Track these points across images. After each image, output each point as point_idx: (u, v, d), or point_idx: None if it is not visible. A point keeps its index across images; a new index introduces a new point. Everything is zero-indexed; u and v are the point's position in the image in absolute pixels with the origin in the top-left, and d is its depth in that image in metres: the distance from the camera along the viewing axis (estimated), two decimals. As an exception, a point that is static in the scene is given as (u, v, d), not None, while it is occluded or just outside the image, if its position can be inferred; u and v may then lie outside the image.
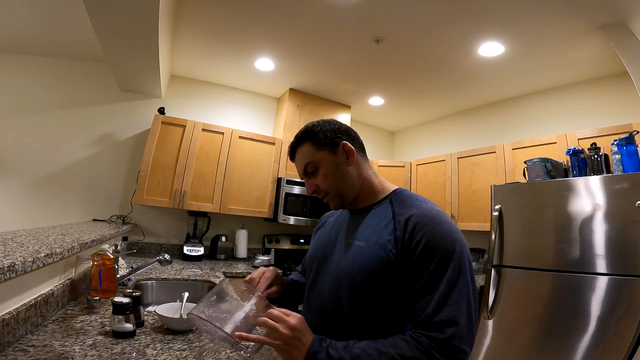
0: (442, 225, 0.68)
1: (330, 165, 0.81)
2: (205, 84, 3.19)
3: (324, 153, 0.81)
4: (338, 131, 0.83)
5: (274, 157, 2.95)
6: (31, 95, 2.61)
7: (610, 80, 2.32)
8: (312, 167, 0.82)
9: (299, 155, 0.84)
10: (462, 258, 0.65)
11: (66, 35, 2.40)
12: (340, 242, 0.82)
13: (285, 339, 0.63)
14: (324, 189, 0.82)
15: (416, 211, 0.72)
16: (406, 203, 0.76)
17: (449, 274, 0.63)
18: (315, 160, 0.81)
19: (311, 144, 0.82)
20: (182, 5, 2.04)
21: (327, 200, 0.83)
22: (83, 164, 2.68)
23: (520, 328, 1.82)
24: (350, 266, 0.74)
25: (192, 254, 2.58)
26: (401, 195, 0.80)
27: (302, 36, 2.29)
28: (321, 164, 0.81)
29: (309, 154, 0.82)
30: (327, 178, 0.80)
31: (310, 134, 0.82)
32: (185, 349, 0.94)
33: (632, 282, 1.46)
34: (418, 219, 0.69)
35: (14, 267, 0.75)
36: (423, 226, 0.68)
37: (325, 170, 0.80)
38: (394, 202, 0.79)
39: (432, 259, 0.65)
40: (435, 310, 0.61)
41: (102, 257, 1.23)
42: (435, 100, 3.23)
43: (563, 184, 1.80)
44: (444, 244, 0.66)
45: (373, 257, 0.71)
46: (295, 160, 0.86)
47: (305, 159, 0.82)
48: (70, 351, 0.82)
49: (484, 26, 2.00)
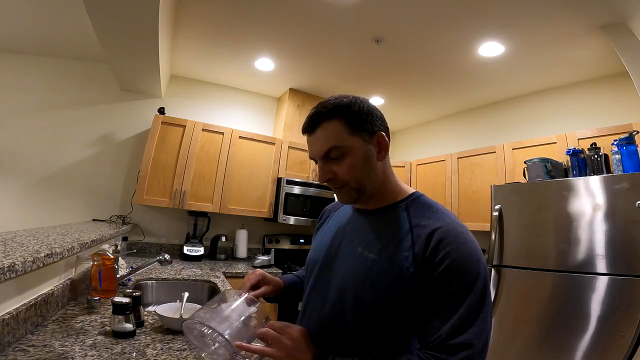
0: (467, 245, 0.62)
1: (361, 155, 0.68)
2: (205, 84, 3.19)
3: (357, 140, 0.67)
4: (377, 117, 0.70)
5: (274, 157, 2.95)
6: (31, 95, 2.61)
7: (610, 80, 2.32)
8: (338, 152, 0.67)
9: (323, 133, 0.68)
10: (485, 280, 0.61)
11: (66, 35, 2.40)
12: (346, 247, 0.74)
13: (288, 350, 0.61)
14: (343, 180, 0.69)
15: (439, 225, 0.64)
16: (426, 213, 0.68)
17: (471, 297, 0.58)
18: (345, 145, 0.67)
19: (344, 124, 0.67)
20: (182, 5, 2.04)
21: (341, 192, 0.71)
22: (83, 164, 2.68)
23: (521, 328, 1.82)
24: (361, 281, 0.66)
25: (192, 254, 2.58)
26: (419, 202, 0.71)
27: (302, 36, 2.29)
28: (351, 152, 0.67)
29: (338, 135, 0.67)
30: (353, 169, 0.67)
31: (345, 111, 0.67)
32: (185, 349, 0.94)
33: (632, 282, 1.46)
34: (442, 235, 0.62)
35: (14, 267, 0.75)
36: (448, 244, 0.61)
37: (354, 161, 0.67)
38: (411, 209, 0.70)
39: (455, 280, 0.59)
40: (451, 333, 0.56)
41: (102, 257, 1.23)
42: (436, 100, 3.22)
43: (563, 184, 1.79)
44: (469, 265, 0.60)
45: (388, 276, 0.63)
46: (315, 136, 0.69)
47: (332, 141, 0.67)
48: (70, 351, 0.82)
49: (484, 26, 2.00)
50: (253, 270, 2.43)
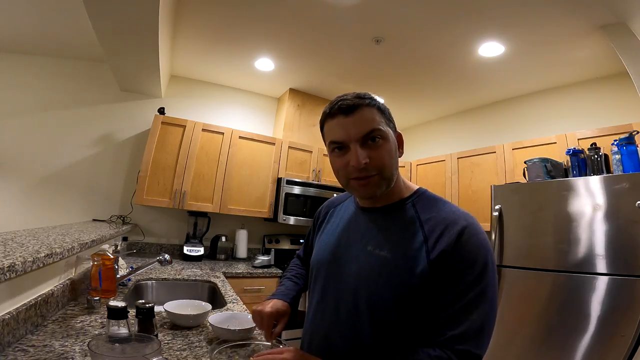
0: (478, 235, 0.63)
1: (394, 145, 0.71)
2: (205, 84, 3.19)
3: (390, 130, 0.70)
4: (392, 118, 0.75)
5: (274, 157, 2.95)
6: (31, 95, 2.61)
7: (610, 80, 2.32)
8: (380, 135, 0.67)
9: (364, 115, 0.67)
10: (493, 271, 0.62)
11: (66, 35, 2.40)
12: (355, 247, 0.73)
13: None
14: (376, 167, 0.67)
15: (446, 215, 0.66)
16: (433, 207, 0.69)
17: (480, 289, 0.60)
18: (386, 131, 0.68)
19: (381, 114, 0.69)
20: (182, 4, 2.04)
21: (369, 182, 0.68)
22: (83, 164, 2.68)
23: (521, 328, 1.82)
24: (375, 280, 0.66)
25: (192, 254, 2.58)
26: (424, 197, 0.73)
27: (302, 36, 2.29)
28: (388, 139, 0.69)
29: (379, 120, 0.68)
30: (389, 156, 0.68)
31: (378, 105, 0.70)
32: (185, 348, 0.94)
33: (632, 282, 1.46)
34: (453, 226, 0.63)
35: (14, 267, 0.75)
36: (458, 233, 0.62)
37: (390, 147, 0.69)
38: (418, 205, 0.71)
39: (467, 270, 0.60)
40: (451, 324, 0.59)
41: (102, 257, 1.23)
42: (436, 100, 3.23)
43: (563, 184, 1.79)
44: (478, 256, 0.61)
45: (404, 272, 0.63)
46: (354, 118, 0.67)
47: (376, 124, 0.67)
48: (70, 351, 0.82)
49: (484, 26, 2.00)
50: (253, 270, 2.45)
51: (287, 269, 1.04)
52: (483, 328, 0.58)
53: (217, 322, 1.05)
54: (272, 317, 0.79)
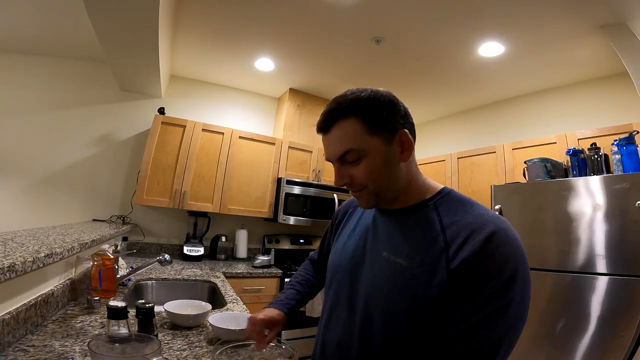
0: (509, 243, 0.54)
1: (381, 158, 0.61)
2: (205, 84, 3.19)
3: (376, 140, 0.60)
4: (399, 114, 0.62)
5: (274, 157, 2.95)
6: (31, 95, 2.61)
7: (610, 80, 2.32)
8: (355, 155, 0.61)
9: (338, 132, 0.61)
10: (524, 285, 0.55)
11: (66, 35, 2.40)
12: (371, 252, 0.67)
13: None
14: (361, 184, 0.63)
15: (473, 220, 0.57)
16: (459, 210, 0.60)
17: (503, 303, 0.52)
18: (363, 148, 0.60)
19: (361, 123, 0.60)
20: (182, 4, 2.04)
21: (359, 196, 0.65)
22: (83, 164, 2.68)
23: (520, 328, 1.82)
24: (389, 290, 0.60)
25: (192, 254, 2.58)
26: (449, 198, 0.64)
27: (302, 36, 2.29)
28: (369, 154, 0.61)
29: (356, 137, 0.60)
30: (372, 173, 0.61)
31: (363, 107, 0.60)
32: (185, 348, 0.94)
33: (632, 282, 1.46)
34: (479, 232, 0.54)
35: (14, 267, 0.75)
36: (484, 240, 0.53)
37: (372, 164, 0.61)
38: (440, 207, 0.62)
39: (490, 282, 0.52)
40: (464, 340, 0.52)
41: (102, 257, 1.23)
42: (436, 100, 3.23)
43: (563, 184, 1.79)
44: (506, 266, 0.53)
45: (420, 283, 0.56)
46: (330, 137, 0.63)
47: (349, 143, 0.61)
48: (70, 351, 0.82)
49: (484, 26, 2.00)
50: (253, 270, 2.45)
51: (294, 274, 1.01)
52: (499, 345, 0.51)
53: (217, 322, 1.05)
54: (263, 324, 0.78)
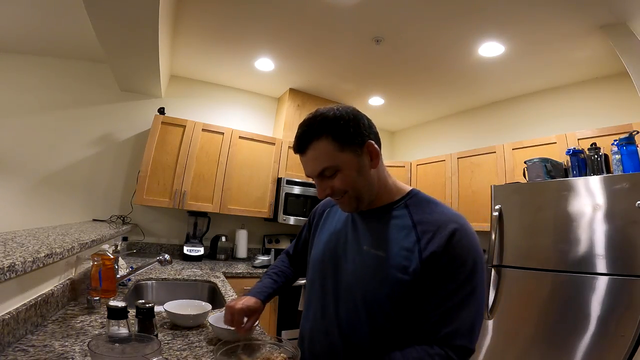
0: (468, 237, 0.66)
1: (354, 169, 0.69)
2: (205, 84, 3.19)
3: (347, 155, 0.68)
4: (364, 127, 0.70)
5: (274, 157, 2.95)
6: (31, 95, 2.61)
7: (610, 80, 2.32)
8: (331, 171, 0.69)
9: (314, 153, 0.69)
10: (482, 271, 0.66)
11: (66, 35, 2.40)
12: (352, 247, 0.76)
13: None
14: (341, 190, 0.71)
15: (438, 217, 0.68)
16: (426, 208, 0.71)
17: (470, 288, 0.63)
18: (337, 164, 0.68)
19: (332, 142, 0.67)
20: (182, 4, 2.04)
21: (342, 201, 0.74)
22: (83, 164, 2.68)
23: (520, 328, 1.82)
24: (371, 278, 0.69)
25: (192, 254, 2.58)
26: (417, 198, 0.75)
27: (302, 36, 2.29)
28: (343, 168, 0.69)
29: (329, 155, 0.68)
30: (350, 183, 0.70)
31: (332, 127, 0.67)
32: (185, 348, 0.94)
33: (632, 282, 1.46)
34: (444, 228, 0.66)
35: (14, 267, 0.75)
36: (449, 235, 0.65)
37: (349, 176, 0.69)
38: (410, 206, 0.73)
39: (458, 270, 0.63)
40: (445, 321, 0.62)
41: (102, 257, 1.23)
42: (436, 100, 3.22)
43: (563, 184, 1.79)
44: (468, 256, 0.64)
45: (397, 269, 0.66)
46: (307, 157, 0.70)
47: (324, 162, 0.68)
48: (70, 351, 0.82)
49: (484, 26, 2.00)
50: (253, 270, 2.45)
51: (271, 266, 1.06)
52: (474, 324, 0.62)
53: (217, 322, 1.04)
54: (242, 313, 0.82)
